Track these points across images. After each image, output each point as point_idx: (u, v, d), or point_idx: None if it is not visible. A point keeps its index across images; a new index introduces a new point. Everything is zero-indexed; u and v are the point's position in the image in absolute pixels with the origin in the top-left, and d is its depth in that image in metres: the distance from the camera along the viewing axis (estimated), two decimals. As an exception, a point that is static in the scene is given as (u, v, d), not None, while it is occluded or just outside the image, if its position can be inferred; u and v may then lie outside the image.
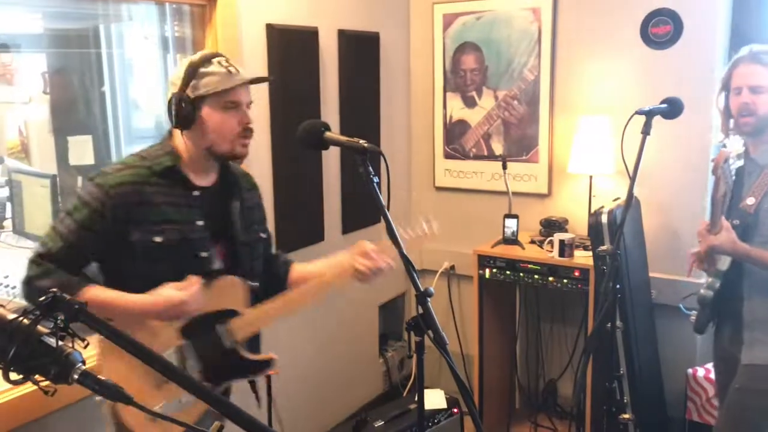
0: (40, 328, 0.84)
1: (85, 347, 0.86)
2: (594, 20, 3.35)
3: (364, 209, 3.61)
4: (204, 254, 1.87)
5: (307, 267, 2.11)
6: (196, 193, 1.87)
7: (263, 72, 2.91)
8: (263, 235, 2.08)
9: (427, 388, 3.30)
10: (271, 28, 2.93)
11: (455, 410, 3.12)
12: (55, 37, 3.04)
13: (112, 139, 3.26)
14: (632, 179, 2.45)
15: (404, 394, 3.96)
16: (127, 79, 3.34)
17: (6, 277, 2.70)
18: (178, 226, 1.82)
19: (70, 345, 0.84)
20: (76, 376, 0.83)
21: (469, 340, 3.81)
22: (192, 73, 1.79)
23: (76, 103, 2.92)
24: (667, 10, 3.16)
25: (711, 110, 3.08)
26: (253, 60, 2.89)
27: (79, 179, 2.89)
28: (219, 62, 1.81)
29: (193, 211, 1.86)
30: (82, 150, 2.82)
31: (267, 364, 2.00)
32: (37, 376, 0.83)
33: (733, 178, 2.32)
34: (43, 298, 0.83)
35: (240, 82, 1.80)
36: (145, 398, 1.75)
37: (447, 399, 3.15)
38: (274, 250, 2.20)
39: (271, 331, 2.27)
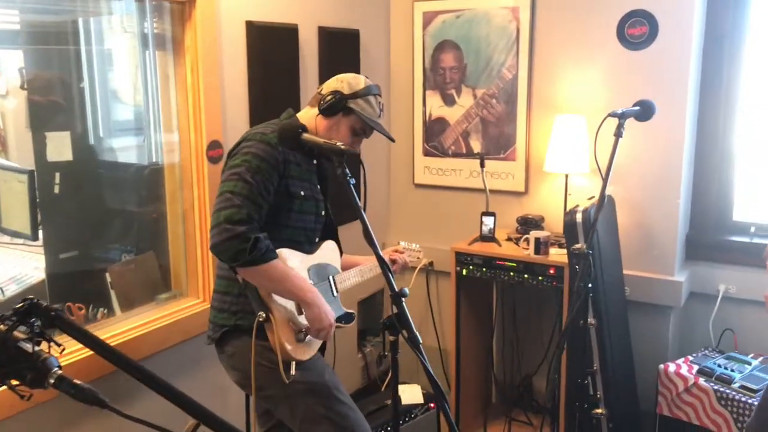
0: (16, 333, 0.85)
1: (62, 352, 0.88)
2: (571, 20, 3.38)
3: (341, 208, 3.63)
4: (323, 213, 2.32)
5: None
6: (314, 161, 2.27)
7: (243, 70, 2.94)
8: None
9: (405, 383, 3.34)
10: (250, 25, 2.94)
11: (432, 405, 3.16)
12: (32, 33, 3.02)
13: (91, 133, 3.25)
14: (605, 180, 2.50)
15: (382, 388, 3.99)
16: (106, 73, 3.32)
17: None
18: (309, 185, 2.22)
19: (47, 350, 0.86)
20: (52, 381, 0.85)
21: (447, 335, 3.85)
22: (366, 92, 2.22)
23: (53, 98, 2.90)
24: (643, 11, 3.20)
25: (685, 111, 3.15)
26: (233, 58, 2.90)
27: (57, 175, 2.87)
28: (377, 100, 2.27)
29: (313, 177, 2.26)
30: (60, 146, 2.81)
31: (352, 316, 2.48)
32: (13, 381, 0.85)
33: None
34: (19, 305, 0.85)
35: (377, 127, 2.25)
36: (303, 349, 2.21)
37: (424, 394, 3.19)
38: None
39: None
